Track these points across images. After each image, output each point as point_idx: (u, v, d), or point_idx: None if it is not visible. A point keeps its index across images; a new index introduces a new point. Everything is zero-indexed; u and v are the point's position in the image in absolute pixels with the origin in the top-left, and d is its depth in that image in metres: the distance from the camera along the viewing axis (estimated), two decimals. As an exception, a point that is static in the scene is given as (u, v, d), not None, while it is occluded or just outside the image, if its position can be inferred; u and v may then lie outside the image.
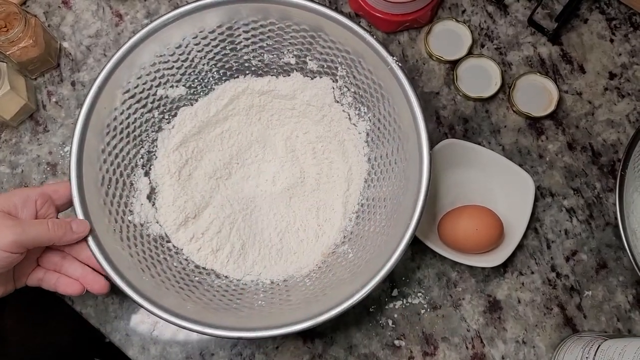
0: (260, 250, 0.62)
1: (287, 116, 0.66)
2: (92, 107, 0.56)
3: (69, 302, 0.64)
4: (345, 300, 0.52)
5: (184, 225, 0.62)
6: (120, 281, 0.53)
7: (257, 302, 0.57)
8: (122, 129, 0.60)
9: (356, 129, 0.63)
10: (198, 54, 0.62)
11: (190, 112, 0.64)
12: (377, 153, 0.62)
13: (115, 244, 0.55)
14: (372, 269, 0.53)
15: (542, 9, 0.71)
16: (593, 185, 0.67)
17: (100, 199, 0.57)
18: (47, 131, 0.69)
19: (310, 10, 0.57)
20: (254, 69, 0.64)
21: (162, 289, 0.55)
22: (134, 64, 0.58)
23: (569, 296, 0.64)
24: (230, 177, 0.65)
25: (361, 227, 0.61)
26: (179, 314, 0.52)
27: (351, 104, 0.63)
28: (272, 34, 0.61)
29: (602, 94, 0.69)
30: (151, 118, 0.62)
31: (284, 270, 0.61)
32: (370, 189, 0.62)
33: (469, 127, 0.68)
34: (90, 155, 0.56)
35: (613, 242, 0.65)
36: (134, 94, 0.60)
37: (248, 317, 0.55)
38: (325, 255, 0.61)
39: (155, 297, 0.53)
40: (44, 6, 0.72)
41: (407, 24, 0.70)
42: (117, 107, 0.59)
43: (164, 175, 0.62)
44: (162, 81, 0.62)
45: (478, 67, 0.69)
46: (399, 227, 0.54)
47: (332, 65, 0.62)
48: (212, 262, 0.61)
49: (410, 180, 0.55)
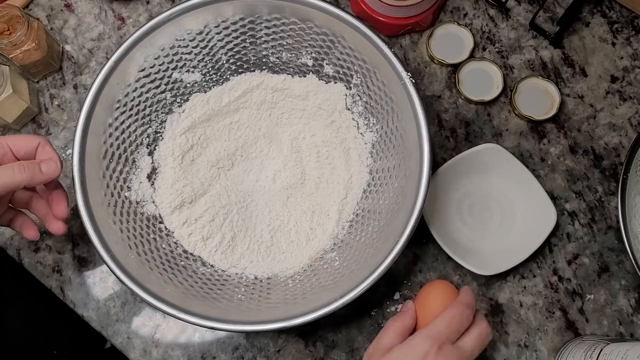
0: (250, 245, 0.63)
1: (297, 116, 0.66)
2: (106, 80, 0.57)
3: (71, 305, 0.64)
4: (324, 307, 0.52)
5: (179, 208, 0.62)
6: (105, 254, 0.53)
7: (236, 296, 0.58)
8: (133, 106, 0.61)
9: (363, 139, 0.63)
10: (218, 42, 0.62)
11: (202, 99, 0.64)
12: (380, 165, 0.62)
13: (107, 218, 0.56)
14: (355, 280, 0.53)
15: (544, 13, 0.71)
16: (595, 188, 0.66)
17: (100, 171, 0.57)
18: (50, 134, 0.69)
19: (333, 15, 0.57)
20: (270, 65, 0.65)
21: (146, 269, 0.56)
22: (154, 44, 0.59)
23: (571, 300, 0.64)
24: (232, 169, 0.66)
25: (352, 236, 0.61)
26: (158, 296, 0.53)
27: (361, 113, 0.63)
28: (293, 34, 0.61)
29: (603, 97, 0.69)
30: (163, 99, 0.63)
31: (269, 268, 0.61)
32: (367, 200, 0.62)
33: (471, 130, 0.68)
34: (96, 127, 0.57)
35: (615, 245, 0.65)
36: (149, 73, 0.61)
37: (225, 308, 0.56)
38: (312, 259, 0.61)
39: (137, 275, 0.54)
40: (46, 9, 0.73)
41: (409, 28, 0.70)
42: (131, 84, 0.59)
43: (167, 157, 0.63)
44: (179, 65, 0.62)
45: (480, 70, 0.69)
46: (388, 243, 0.54)
47: (347, 72, 0.62)
48: (200, 249, 0.61)
49: (407, 198, 0.55)
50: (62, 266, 0.65)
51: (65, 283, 0.64)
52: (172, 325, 0.63)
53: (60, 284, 0.64)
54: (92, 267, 0.65)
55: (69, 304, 0.64)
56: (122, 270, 0.53)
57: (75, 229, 0.66)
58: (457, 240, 0.64)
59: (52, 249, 0.65)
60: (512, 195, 0.65)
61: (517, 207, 0.65)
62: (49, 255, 0.65)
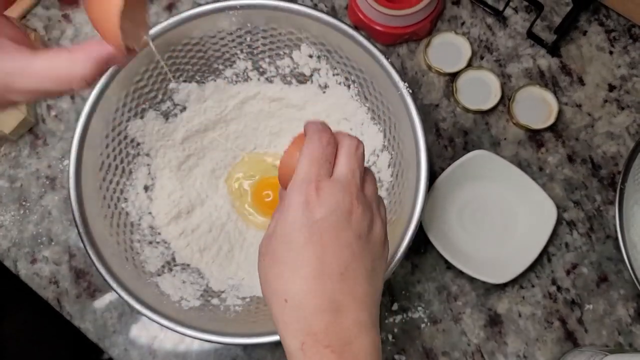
0: (247, 256, 0.63)
1: (295, 126, 0.66)
2: (102, 93, 0.57)
3: (68, 316, 0.64)
4: None
5: (175, 219, 0.62)
6: (102, 267, 0.53)
7: (234, 307, 0.58)
8: (130, 117, 0.60)
9: None
10: (215, 53, 0.62)
11: (199, 109, 0.64)
12: (377, 176, 0.61)
13: (104, 230, 0.56)
14: None
15: (541, 21, 0.71)
16: (593, 197, 0.66)
17: (97, 183, 0.57)
18: (47, 145, 0.69)
19: (329, 25, 0.57)
20: (267, 75, 0.65)
21: (143, 281, 0.56)
22: (150, 54, 0.59)
23: (569, 310, 0.63)
24: (229, 179, 0.66)
25: None
26: (154, 308, 0.53)
27: (359, 122, 0.63)
28: (290, 44, 0.61)
29: (601, 106, 0.69)
30: (160, 109, 0.63)
31: None
32: None
33: (469, 139, 0.68)
34: (93, 140, 0.57)
35: (614, 255, 0.65)
36: (146, 84, 0.60)
37: (222, 320, 0.55)
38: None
39: (134, 287, 0.54)
40: (44, 20, 0.72)
41: (407, 37, 0.70)
42: (128, 94, 0.59)
43: (164, 167, 0.63)
44: (175, 75, 0.62)
45: (477, 79, 0.69)
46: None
47: (344, 82, 0.62)
48: (197, 261, 0.61)
49: (405, 209, 0.55)
50: (59, 277, 0.65)
51: (62, 294, 0.64)
52: (169, 336, 0.63)
53: (57, 295, 0.64)
54: (89, 278, 0.65)
55: (65, 316, 0.64)
56: (118, 283, 0.53)
57: (72, 240, 0.66)
58: (458, 247, 0.64)
59: (49, 260, 0.65)
60: (511, 197, 0.65)
61: (516, 208, 0.65)
62: (45, 267, 0.65)
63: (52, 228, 0.66)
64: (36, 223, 0.66)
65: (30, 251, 0.65)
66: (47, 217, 0.66)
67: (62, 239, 0.66)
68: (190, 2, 0.73)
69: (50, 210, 0.66)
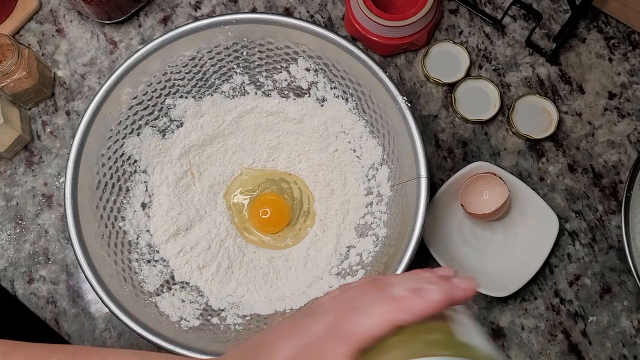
0: (247, 273, 0.62)
1: (293, 140, 0.65)
2: (97, 110, 0.56)
3: (66, 337, 0.63)
4: None
5: (174, 237, 0.61)
6: (100, 289, 0.53)
7: (234, 327, 0.57)
8: (126, 135, 0.60)
9: (359, 162, 0.63)
10: (211, 67, 0.62)
11: (196, 124, 0.64)
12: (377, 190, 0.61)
13: (101, 250, 0.55)
14: None
15: (540, 29, 0.70)
16: (595, 207, 0.66)
17: (93, 202, 0.57)
18: (42, 162, 0.68)
19: (326, 39, 0.57)
20: (264, 89, 0.64)
21: (141, 301, 0.55)
22: (146, 71, 0.58)
23: (573, 322, 0.63)
24: (227, 194, 0.65)
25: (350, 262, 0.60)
26: (153, 330, 0.52)
27: (357, 136, 0.62)
28: (287, 57, 0.61)
29: (602, 114, 0.68)
30: (156, 126, 0.62)
31: (266, 296, 0.61)
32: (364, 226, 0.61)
33: (468, 150, 0.68)
34: (89, 158, 0.56)
35: (617, 265, 0.64)
36: (142, 100, 0.60)
37: (222, 340, 0.55)
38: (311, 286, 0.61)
39: (133, 309, 0.53)
40: (37, 35, 0.72)
41: (404, 47, 0.69)
42: (123, 111, 0.59)
43: (161, 184, 0.62)
44: (171, 90, 0.61)
45: (476, 89, 0.69)
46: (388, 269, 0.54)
47: (342, 96, 0.61)
48: (196, 278, 0.61)
49: (405, 223, 0.54)
50: (57, 297, 0.64)
51: (60, 314, 0.63)
52: (169, 354, 0.62)
53: (55, 315, 0.63)
54: (87, 297, 0.64)
55: (64, 336, 0.63)
56: (116, 304, 0.53)
57: (70, 259, 0.65)
58: (460, 261, 0.63)
59: (46, 279, 0.64)
60: (511, 208, 0.64)
61: (517, 219, 0.64)
62: (43, 286, 0.64)
63: (49, 247, 0.65)
64: (33, 242, 0.65)
65: (27, 270, 0.65)
66: (43, 236, 0.65)
67: (60, 258, 0.65)
68: (186, 15, 0.72)
69: (47, 228, 0.66)
